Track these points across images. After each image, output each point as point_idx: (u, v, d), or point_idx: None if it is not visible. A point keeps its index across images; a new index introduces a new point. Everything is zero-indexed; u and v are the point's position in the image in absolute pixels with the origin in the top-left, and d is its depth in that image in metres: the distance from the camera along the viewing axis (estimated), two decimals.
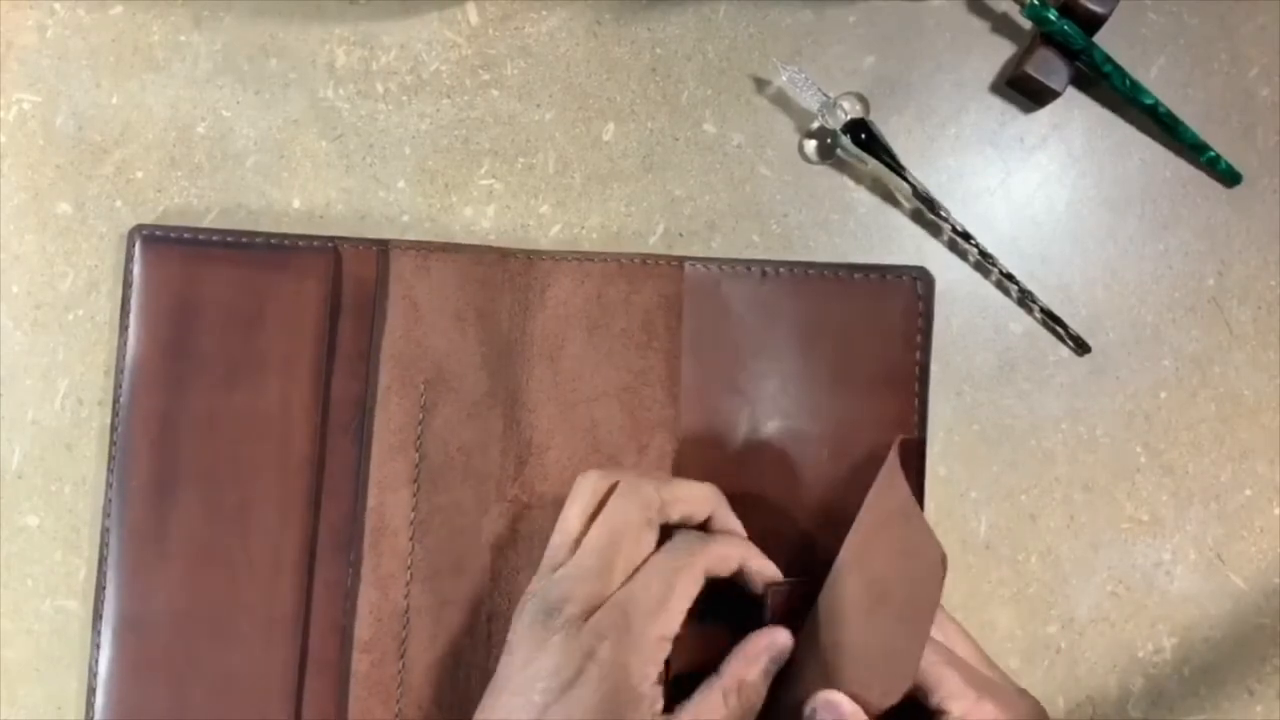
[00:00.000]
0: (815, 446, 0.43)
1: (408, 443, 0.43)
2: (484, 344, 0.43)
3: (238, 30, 0.46)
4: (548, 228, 0.46)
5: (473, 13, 0.47)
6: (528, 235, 0.46)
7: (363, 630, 0.42)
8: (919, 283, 0.43)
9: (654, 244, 0.46)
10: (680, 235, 0.46)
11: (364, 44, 0.46)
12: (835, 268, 0.44)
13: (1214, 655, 0.45)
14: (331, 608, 0.42)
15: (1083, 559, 0.45)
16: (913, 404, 0.43)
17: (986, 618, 0.45)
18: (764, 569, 0.38)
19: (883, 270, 0.43)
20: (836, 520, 0.39)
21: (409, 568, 0.42)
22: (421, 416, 0.43)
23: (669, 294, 0.44)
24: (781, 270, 0.44)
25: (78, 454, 0.44)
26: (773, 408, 0.43)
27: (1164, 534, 0.45)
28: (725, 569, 0.37)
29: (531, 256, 0.44)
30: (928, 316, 0.43)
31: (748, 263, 0.44)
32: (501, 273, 0.44)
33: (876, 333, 0.43)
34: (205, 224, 0.45)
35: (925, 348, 0.43)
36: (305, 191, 0.46)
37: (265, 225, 0.45)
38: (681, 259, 0.44)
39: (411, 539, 0.42)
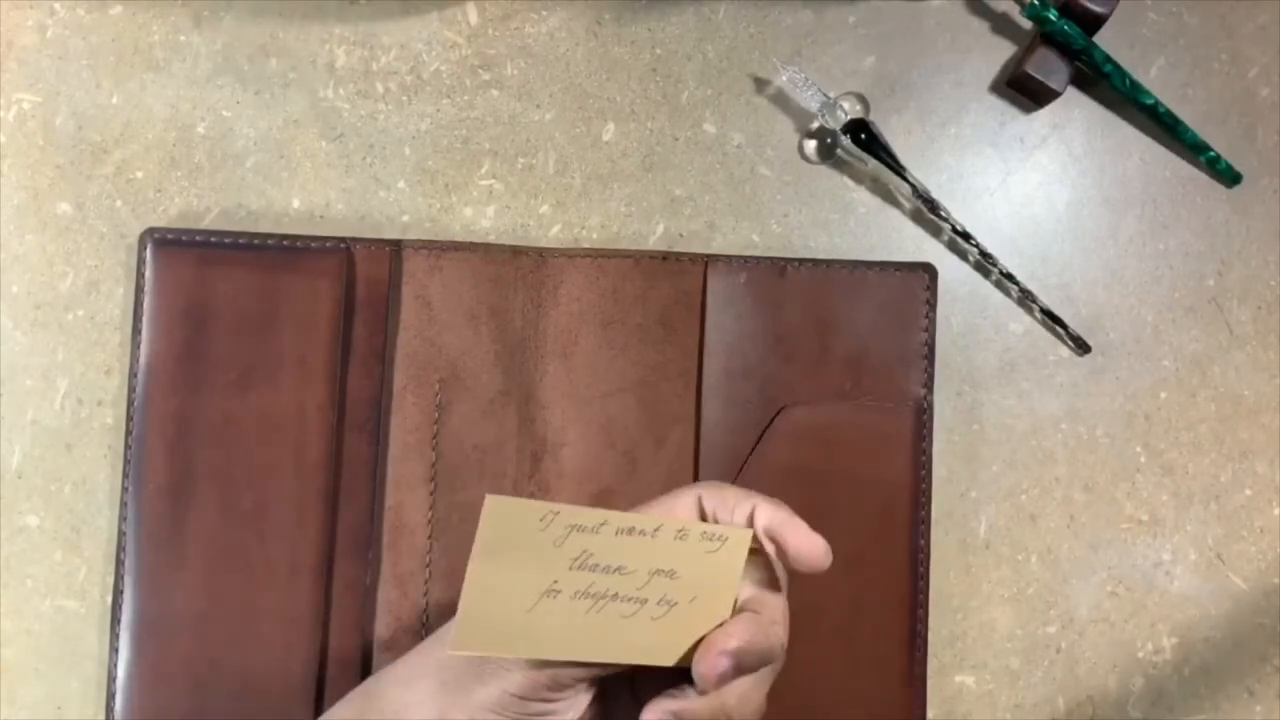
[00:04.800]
0: (836, 427, 0.43)
1: (424, 442, 0.43)
2: (497, 342, 0.44)
3: (238, 30, 0.46)
4: (548, 228, 0.46)
5: (473, 13, 0.47)
6: (528, 235, 0.46)
7: (382, 629, 0.42)
8: (926, 275, 0.45)
9: (654, 244, 0.46)
10: (680, 235, 0.46)
11: (364, 44, 0.46)
12: (850, 264, 0.45)
13: (1214, 655, 0.45)
14: (351, 607, 0.42)
15: (1083, 559, 0.45)
16: (923, 377, 0.44)
17: (986, 618, 0.45)
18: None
19: (894, 265, 0.45)
20: (859, 497, 0.43)
21: (427, 566, 0.43)
22: (437, 415, 0.43)
23: (689, 289, 0.44)
24: (799, 266, 0.44)
25: (78, 454, 0.44)
26: (794, 393, 0.44)
27: (1164, 534, 0.46)
28: None
29: (544, 254, 0.44)
30: (933, 303, 0.45)
31: (768, 259, 0.44)
32: (514, 270, 0.44)
33: (890, 318, 0.44)
34: (205, 224, 0.45)
35: (932, 330, 0.45)
36: (305, 191, 0.46)
37: (265, 225, 0.45)
38: (705, 256, 0.44)
39: (429, 537, 0.43)
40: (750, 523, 0.32)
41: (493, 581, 0.28)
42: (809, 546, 0.32)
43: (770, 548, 0.32)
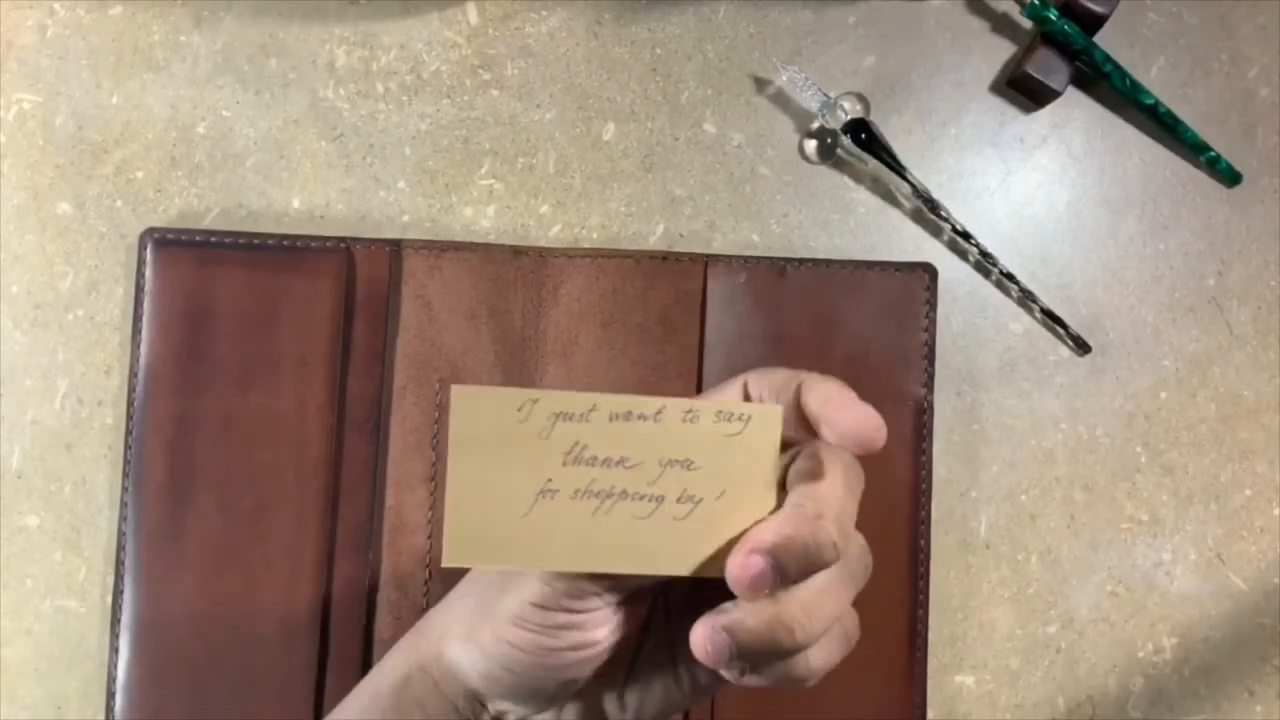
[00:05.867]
0: None
1: (424, 441, 0.43)
2: (497, 342, 0.44)
3: (238, 30, 0.46)
4: (548, 228, 0.46)
5: (473, 13, 0.47)
6: (528, 235, 0.46)
7: (383, 629, 0.42)
8: (926, 275, 0.45)
9: (654, 244, 0.46)
10: (680, 235, 0.46)
11: (364, 44, 0.46)
12: (850, 264, 0.45)
13: (1214, 655, 0.45)
14: (351, 607, 0.42)
15: (1083, 559, 0.45)
16: (923, 377, 0.44)
17: (986, 618, 0.45)
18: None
19: (894, 265, 0.45)
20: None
21: (427, 566, 0.43)
22: (437, 415, 0.43)
23: (689, 289, 0.44)
24: (799, 266, 0.44)
25: (78, 454, 0.44)
26: None
27: (1164, 534, 0.45)
28: None
29: (544, 254, 0.44)
30: (933, 303, 0.45)
31: (768, 259, 0.44)
32: (514, 270, 0.44)
33: (890, 318, 0.44)
34: (205, 224, 0.45)
35: (932, 330, 0.45)
36: (305, 191, 0.46)
37: (265, 225, 0.45)
38: (705, 256, 0.44)
39: (429, 538, 0.43)
40: (798, 403, 0.28)
41: (477, 484, 0.25)
42: (856, 421, 0.27)
43: (826, 434, 0.27)
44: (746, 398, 0.29)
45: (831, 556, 0.27)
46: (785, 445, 0.28)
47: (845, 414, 0.27)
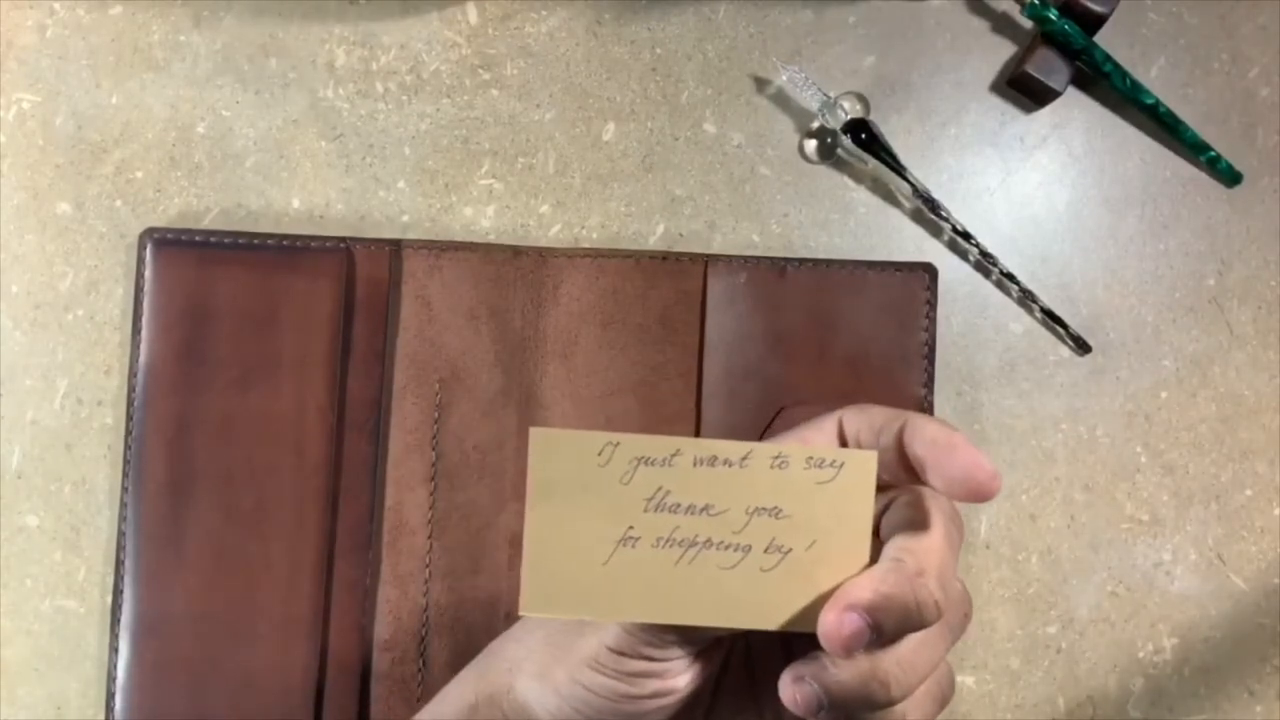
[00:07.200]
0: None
1: (424, 441, 0.43)
2: (497, 342, 0.44)
3: (238, 30, 0.46)
4: (548, 228, 0.46)
5: (473, 13, 0.47)
6: (528, 235, 0.46)
7: (382, 629, 0.42)
8: (926, 275, 0.45)
9: (654, 244, 0.46)
10: (680, 235, 0.46)
11: (364, 44, 0.46)
12: (850, 264, 0.44)
13: (1214, 655, 0.45)
14: (350, 607, 0.42)
15: (1083, 559, 0.45)
16: (923, 378, 0.44)
17: (986, 618, 0.45)
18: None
19: (894, 265, 0.45)
20: None
21: (427, 566, 0.43)
22: (437, 415, 0.43)
23: (689, 289, 0.44)
24: (799, 266, 0.44)
25: (78, 454, 0.44)
26: (794, 393, 0.44)
27: (1164, 534, 0.45)
28: None
29: (544, 254, 0.44)
30: (933, 303, 0.45)
31: (768, 259, 0.44)
32: (514, 270, 0.44)
33: (890, 319, 0.44)
34: (205, 224, 0.45)
35: (932, 330, 0.44)
36: (305, 191, 0.46)
37: (265, 225, 0.45)
38: (705, 256, 0.44)
39: (429, 537, 0.43)
40: (900, 445, 0.27)
41: (556, 530, 0.25)
42: (967, 467, 0.25)
43: (933, 480, 0.26)
44: (841, 434, 0.28)
45: (933, 617, 0.25)
46: (881, 488, 0.27)
47: (955, 459, 0.26)
